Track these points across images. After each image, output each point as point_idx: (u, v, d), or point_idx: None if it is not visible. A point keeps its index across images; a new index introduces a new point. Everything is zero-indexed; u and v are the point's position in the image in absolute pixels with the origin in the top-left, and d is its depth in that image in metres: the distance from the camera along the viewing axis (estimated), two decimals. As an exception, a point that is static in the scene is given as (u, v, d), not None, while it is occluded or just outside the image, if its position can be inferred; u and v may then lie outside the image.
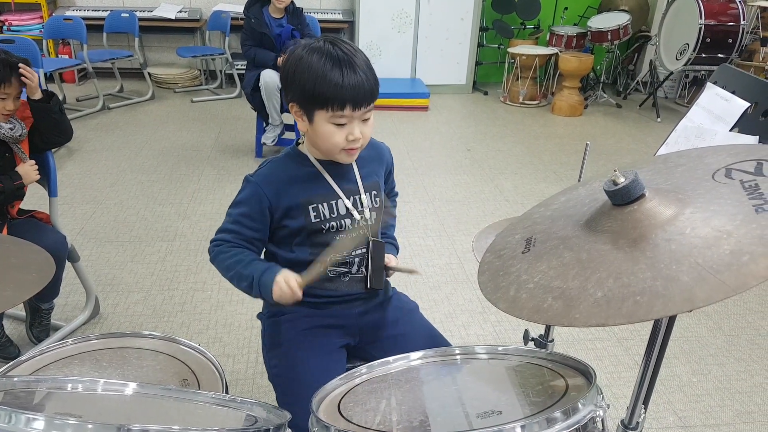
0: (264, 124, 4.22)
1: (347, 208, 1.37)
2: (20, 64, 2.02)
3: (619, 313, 0.71)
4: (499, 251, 0.97)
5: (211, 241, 1.39)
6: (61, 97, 5.29)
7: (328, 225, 1.35)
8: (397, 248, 1.55)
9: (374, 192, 1.42)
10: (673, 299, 0.69)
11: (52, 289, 2.21)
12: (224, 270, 1.35)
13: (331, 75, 1.19)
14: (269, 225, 1.36)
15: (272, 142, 4.19)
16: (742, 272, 0.68)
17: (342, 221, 1.36)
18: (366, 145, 1.34)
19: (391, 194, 1.58)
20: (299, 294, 1.27)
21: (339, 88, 1.19)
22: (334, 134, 1.25)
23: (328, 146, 1.29)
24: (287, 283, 1.26)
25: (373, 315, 1.44)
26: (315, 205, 1.34)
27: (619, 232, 0.83)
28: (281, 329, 1.42)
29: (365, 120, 1.28)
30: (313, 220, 1.34)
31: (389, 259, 1.45)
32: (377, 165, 1.47)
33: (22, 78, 2.01)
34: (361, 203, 1.39)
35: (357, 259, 1.40)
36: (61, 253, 2.12)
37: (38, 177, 2.10)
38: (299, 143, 1.40)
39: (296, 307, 1.42)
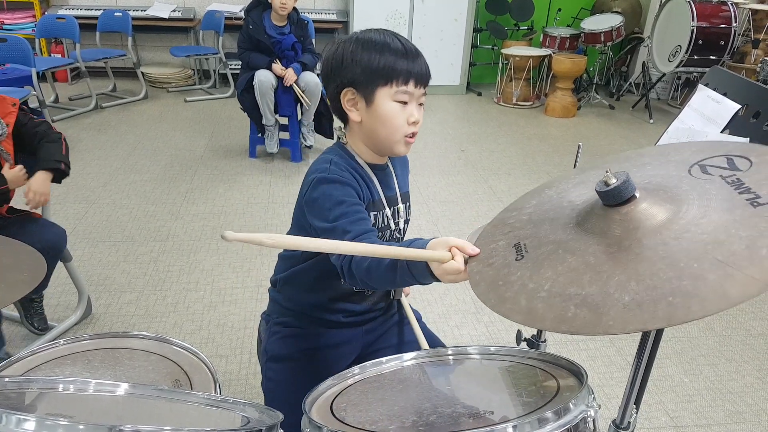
0: (257, 126, 4.21)
1: (387, 219, 1.30)
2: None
3: (657, 317, 0.69)
4: (486, 260, 0.96)
5: (341, 258, 1.13)
6: (53, 97, 5.31)
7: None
8: None
9: (408, 203, 1.37)
10: (707, 298, 0.67)
11: (44, 282, 2.21)
12: (359, 263, 1.08)
13: (395, 51, 1.16)
14: None
15: (277, 148, 4.21)
16: (767, 266, 0.68)
17: (384, 232, 1.30)
18: None
19: None
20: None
21: (404, 61, 1.16)
22: (397, 115, 1.17)
23: (389, 131, 1.19)
24: (451, 273, 0.98)
25: (378, 331, 1.45)
26: (375, 212, 1.27)
27: (621, 234, 0.82)
28: (286, 343, 1.39)
29: (420, 104, 1.22)
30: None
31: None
32: (406, 174, 1.41)
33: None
34: (398, 213, 1.33)
35: None
36: (62, 246, 2.16)
37: (26, 181, 2.02)
38: (344, 142, 1.28)
39: (304, 324, 1.39)
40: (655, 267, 0.75)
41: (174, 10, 5.91)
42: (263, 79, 3.87)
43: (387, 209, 1.29)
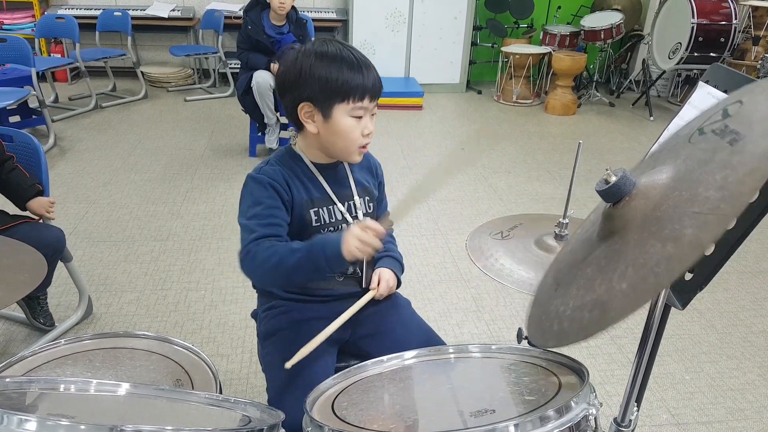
0: (257, 126, 4.21)
1: (342, 213, 1.38)
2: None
3: (646, 291, 0.71)
4: (537, 301, 0.98)
5: (245, 248, 1.26)
6: (53, 97, 5.32)
7: (326, 230, 1.36)
8: (401, 264, 1.52)
9: (367, 198, 1.43)
10: (685, 253, 0.69)
11: (46, 281, 2.22)
12: (267, 259, 1.21)
13: (351, 67, 1.23)
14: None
15: (277, 144, 4.20)
16: (734, 193, 0.68)
17: (339, 226, 1.37)
18: None
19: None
20: (378, 243, 1.15)
21: (359, 76, 1.23)
22: (354, 129, 1.26)
23: (345, 143, 1.28)
24: (364, 230, 1.14)
25: (365, 310, 1.45)
26: (316, 209, 1.34)
27: (624, 227, 0.83)
28: (275, 320, 1.42)
29: (373, 115, 1.30)
30: (314, 224, 1.34)
31: (376, 282, 1.42)
32: (368, 174, 1.48)
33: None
34: (355, 208, 1.40)
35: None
36: (62, 246, 2.18)
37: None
38: (293, 144, 1.39)
39: (290, 302, 1.43)
40: (646, 245, 0.76)
41: (173, 10, 5.90)
42: (261, 80, 3.86)
43: (339, 204, 1.37)
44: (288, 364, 1.20)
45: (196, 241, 3.13)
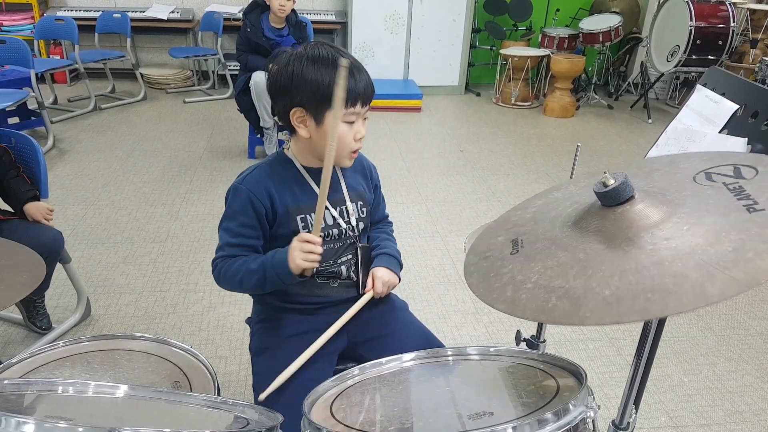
0: (255, 129, 4.20)
1: (334, 218, 1.37)
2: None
3: (632, 311, 0.71)
4: (483, 253, 0.97)
5: (214, 262, 1.34)
6: (52, 98, 5.31)
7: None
8: (397, 260, 1.49)
9: (360, 203, 1.43)
10: (685, 295, 0.69)
11: (44, 284, 2.21)
12: (231, 278, 1.31)
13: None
14: (267, 232, 1.35)
15: (276, 148, 4.19)
16: (750, 268, 0.69)
17: (329, 231, 1.37)
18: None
19: (385, 223, 1.59)
20: (319, 248, 1.24)
21: (352, 84, 1.22)
22: (346, 135, 1.27)
23: (337, 149, 1.27)
24: (303, 243, 1.23)
25: (361, 316, 1.44)
26: (303, 215, 1.34)
27: (614, 232, 0.83)
28: (267, 335, 1.41)
29: (365, 119, 1.30)
30: (302, 230, 1.33)
31: (371, 283, 1.42)
32: (362, 177, 1.48)
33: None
34: (347, 212, 1.40)
35: (344, 267, 1.41)
36: (59, 248, 2.17)
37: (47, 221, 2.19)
38: (285, 149, 1.40)
39: (284, 314, 1.42)
40: (641, 264, 0.76)
41: (173, 11, 5.90)
42: (259, 80, 3.86)
43: (331, 209, 1.37)
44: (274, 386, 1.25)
45: (195, 242, 3.12)
